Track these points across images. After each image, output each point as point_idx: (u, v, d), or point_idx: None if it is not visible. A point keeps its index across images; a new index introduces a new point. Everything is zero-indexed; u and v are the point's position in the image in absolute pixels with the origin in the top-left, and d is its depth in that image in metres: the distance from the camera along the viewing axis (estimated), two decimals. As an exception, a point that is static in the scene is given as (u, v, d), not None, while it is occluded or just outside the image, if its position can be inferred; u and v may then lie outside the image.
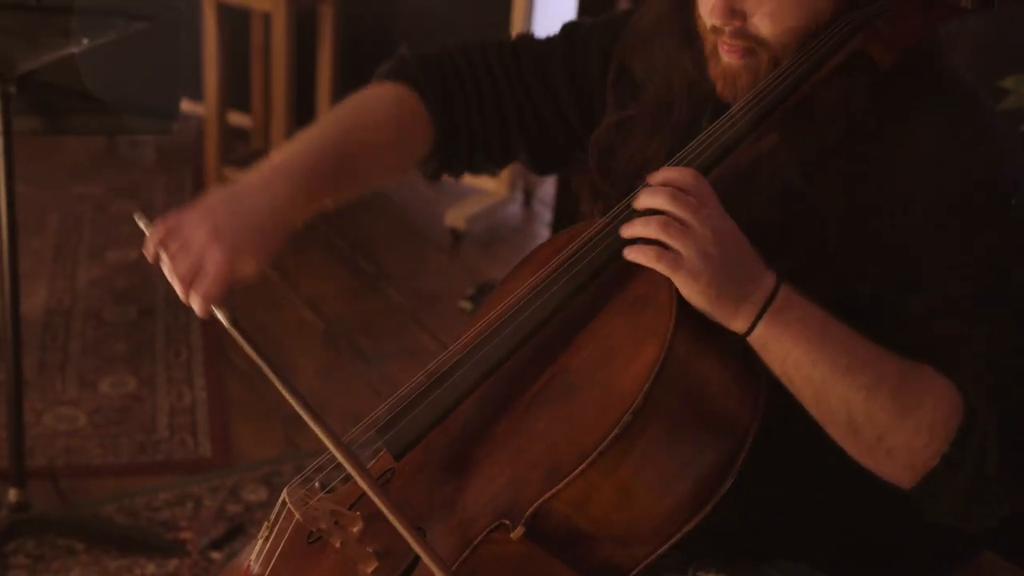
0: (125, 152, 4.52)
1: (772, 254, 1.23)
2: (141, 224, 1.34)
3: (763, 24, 1.27)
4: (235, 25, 4.14)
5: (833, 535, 1.39)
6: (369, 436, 1.32)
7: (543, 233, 4.16)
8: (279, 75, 4.00)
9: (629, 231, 1.22)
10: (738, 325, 1.20)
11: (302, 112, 4.21)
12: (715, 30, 1.30)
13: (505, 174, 4.15)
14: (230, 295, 1.32)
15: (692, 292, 1.19)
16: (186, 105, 4.19)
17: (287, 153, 1.40)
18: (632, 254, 1.21)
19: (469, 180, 4.25)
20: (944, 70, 1.33)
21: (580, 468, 1.15)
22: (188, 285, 1.29)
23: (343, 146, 1.43)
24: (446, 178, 1.63)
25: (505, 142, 1.59)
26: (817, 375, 1.18)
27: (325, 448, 1.26)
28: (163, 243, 1.31)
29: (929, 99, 1.30)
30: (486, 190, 4.18)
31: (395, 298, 3.68)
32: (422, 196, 4.28)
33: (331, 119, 1.49)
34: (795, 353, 1.19)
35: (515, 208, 4.31)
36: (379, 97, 1.52)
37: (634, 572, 1.21)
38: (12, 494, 2.44)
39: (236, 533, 2.57)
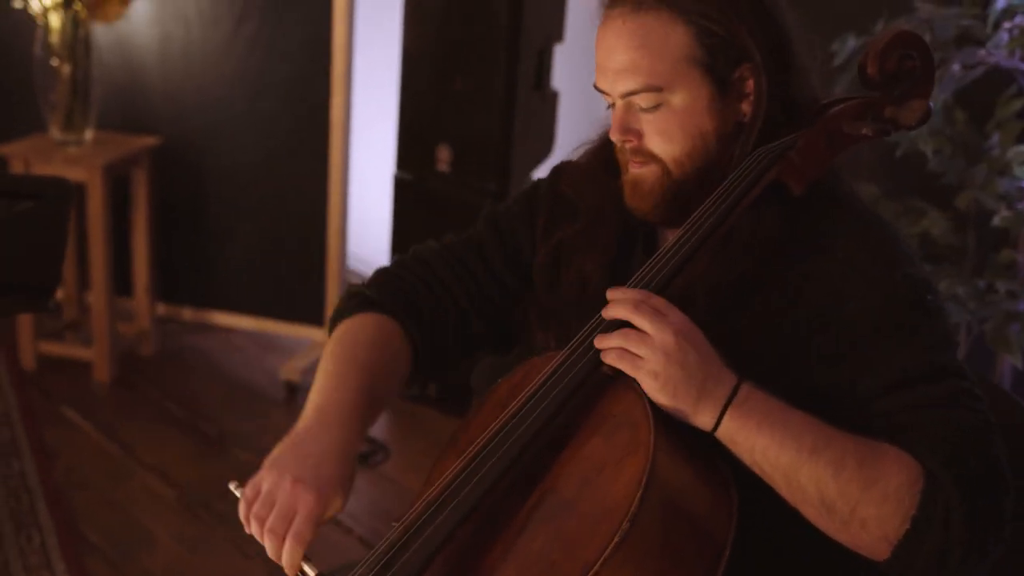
0: (-73, 334, 4.32)
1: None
2: (237, 493, 1.39)
3: (654, 141, 1.45)
4: (41, 197, 4.06)
5: None
6: None
7: (375, 378, 4.19)
8: (97, 245, 3.93)
9: (600, 343, 1.35)
10: (703, 421, 1.32)
11: (118, 280, 4.15)
12: (620, 150, 1.49)
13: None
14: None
15: (653, 389, 1.31)
16: (-6, 282, 4.06)
17: (322, 393, 1.47)
18: (606, 357, 1.34)
19: (295, 331, 4.26)
20: (841, 188, 1.50)
21: None
22: (281, 536, 1.32)
23: (363, 376, 1.50)
24: (272, 332, 1.70)
25: (471, 335, 1.67)
26: (785, 459, 1.29)
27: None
28: (252, 509, 1.35)
29: (838, 219, 1.46)
30: (313, 340, 4.19)
31: (242, 456, 3.62)
32: (247, 354, 4.26)
33: (338, 358, 1.53)
34: (761, 441, 1.30)
35: (343, 356, 4.32)
36: (362, 326, 1.58)
37: None
38: None
39: None
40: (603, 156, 1.58)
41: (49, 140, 3.97)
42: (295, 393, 4.00)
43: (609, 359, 1.34)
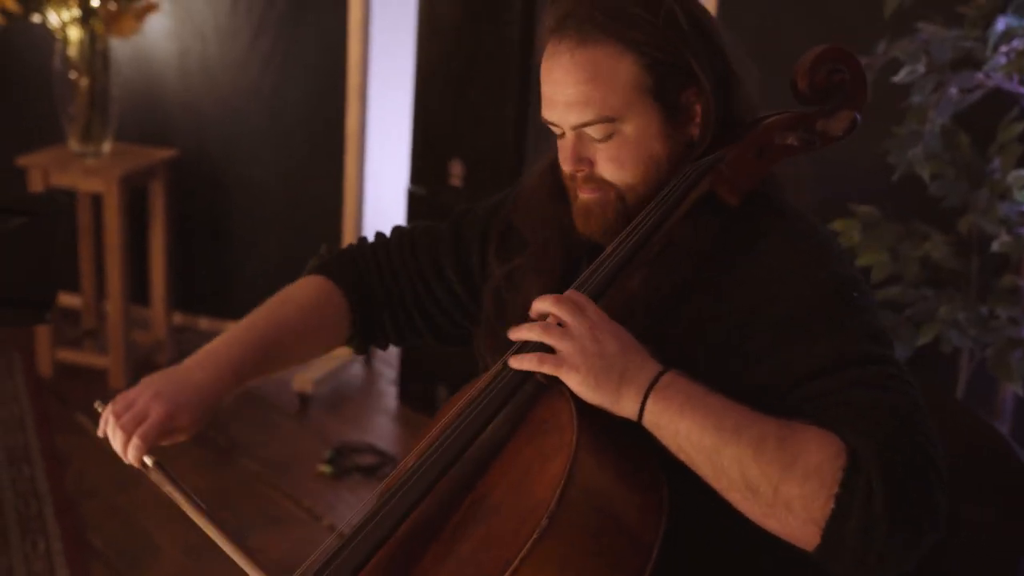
0: (-52, 339, 4.40)
1: None
2: (100, 410, 1.56)
3: (607, 169, 1.47)
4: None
5: None
6: None
7: (389, 390, 4.22)
8: (113, 255, 3.98)
9: (515, 335, 1.38)
10: (627, 408, 1.33)
11: (136, 289, 4.20)
12: (571, 177, 1.50)
13: (345, 335, 4.20)
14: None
15: (575, 383, 1.33)
16: (13, 289, 4.12)
17: (221, 339, 1.64)
18: (516, 362, 1.36)
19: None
20: (780, 199, 1.52)
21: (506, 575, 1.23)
22: (129, 433, 1.50)
23: (270, 333, 1.67)
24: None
25: (409, 320, 1.77)
26: (707, 441, 1.29)
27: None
28: (112, 410, 1.53)
29: (771, 226, 1.48)
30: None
31: (251, 467, 3.66)
32: (260, 363, 4.29)
33: (262, 309, 1.71)
34: (683, 425, 1.30)
35: (358, 368, 4.36)
36: (303, 289, 1.75)
37: None
38: None
39: None
40: (549, 183, 1.61)
41: (68, 151, 4.03)
42: (307, 404, 4.03)
43: (525, 364, 1.36)
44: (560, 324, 1.36)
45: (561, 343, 1.34)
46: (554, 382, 1.37)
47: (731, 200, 1.47)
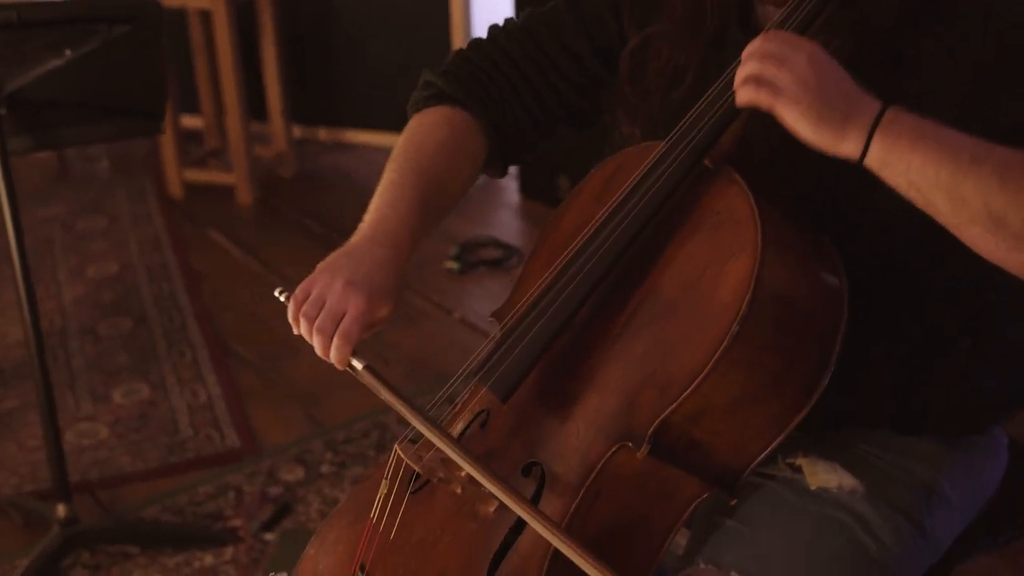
0: (79, 169, 4.52)
1: None
2: (281, 298, 1.40)
3: None
4: (173, 27, 4.15)
5: (913, 393, 1.44)
6: (472, 383, 1.34)
7: (509, 185, 4.22)
8: (227, 72, 4.01)
9: (739, 75, 1.25)
10: (849, 148, 1.21)
11: (254, 105, 4.24)
12: None
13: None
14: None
15: (793, 117, 1.21)
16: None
17: (380, 208, 1.47)
18: (738, 96, 1.25)
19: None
20: None
21: (695, 383, 1.19)
22: (330, 335, 1.34)
23: (428, 186, 1.49)
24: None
25: (549, 117, 1.61)
26: (945, 174, 1.17)
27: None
28: (301, 309, 1.37)
29: None
30: (446, 153, 4.21)
31: (380, 269, 3.72)
32: (381, 169, 4.31)
33: (403, 162, 1.52)
34: (916, 159, 1.18)
35: (476, 167, 4.36)
36: (436, 128, 1.55)
37: (750, 468, 1.27)
38: (61, 509, 2.46)
39: (284, 512, 2.62)
40: None
41: (174, -31, 4.03)
42: (430, 205, 4.06)
43: (745, 94, 1.23)
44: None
45: (779, 73, 1.20)
46: (723, 168, 1.28)
47: None
